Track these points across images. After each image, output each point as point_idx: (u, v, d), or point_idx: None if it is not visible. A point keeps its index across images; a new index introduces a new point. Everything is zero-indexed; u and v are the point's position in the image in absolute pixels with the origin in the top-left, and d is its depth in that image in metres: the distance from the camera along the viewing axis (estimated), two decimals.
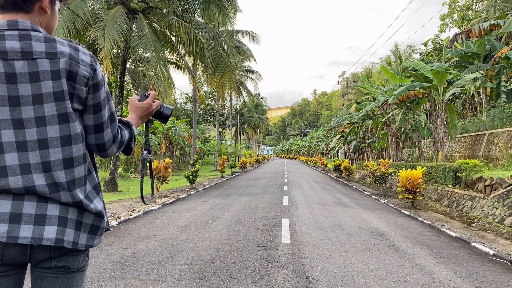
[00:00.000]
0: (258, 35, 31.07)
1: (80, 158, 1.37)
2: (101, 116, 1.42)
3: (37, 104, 1.30)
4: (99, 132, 1.43)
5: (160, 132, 28.58)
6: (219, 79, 15.59)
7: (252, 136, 73.25)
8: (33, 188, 1.30)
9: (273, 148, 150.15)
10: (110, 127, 1.46)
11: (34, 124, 1.30)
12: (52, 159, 1.32)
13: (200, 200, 12.03)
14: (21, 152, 1.30)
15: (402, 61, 35.26)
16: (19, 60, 1.29)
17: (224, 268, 4.80)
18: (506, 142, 12.52)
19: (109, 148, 1.48)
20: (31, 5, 1.37)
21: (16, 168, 1.30)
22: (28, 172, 1.30)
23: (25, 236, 1.28)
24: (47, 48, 1.32)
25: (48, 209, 1.32)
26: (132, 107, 1.70)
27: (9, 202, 1.30)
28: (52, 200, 1.33)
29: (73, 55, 1.34)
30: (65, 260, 1.37)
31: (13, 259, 1.32)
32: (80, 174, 1.38)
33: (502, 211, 8.18)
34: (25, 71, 1.29)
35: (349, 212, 9.71)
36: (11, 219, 1.29)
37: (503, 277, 4.70)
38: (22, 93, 1.29)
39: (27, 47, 1.31)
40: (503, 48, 15.89)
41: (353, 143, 29.94)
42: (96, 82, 1.39)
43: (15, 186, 1.29)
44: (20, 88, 1.29)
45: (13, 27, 1.33)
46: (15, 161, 1.30)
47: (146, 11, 13.97)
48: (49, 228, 1.31)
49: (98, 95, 1.40)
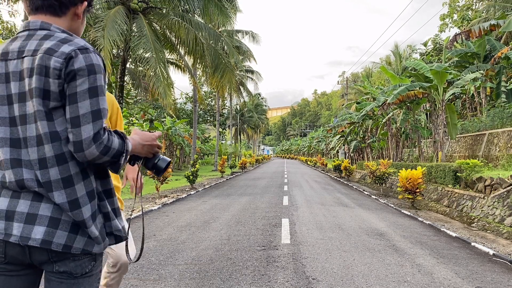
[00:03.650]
0: (258, 35, 31.08)
1: (52, 159, 1.30)
2: (77, 108, 1.27)
3: (21, 102, 1.32)
4: (75, 126, 1.27)
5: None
6: (219, 79, 15.59)
7: (252, 136, 73.24)
8: (22, 182, 1.31)
9: (273, 148, 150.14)
10: (92, 124, 1.27)
11: (19, 122, 1.32)
12: (32, 158, 1.32)
13: (200, 200, 12.03)
14: (13, 148, 1.33)
15: (402, 61, 35.27)
16: (14, 60, 1.32)
17: (224, 268, 4.80)
18: (506, 142, 12.52)
19: (87, 148, 1.27)
20: (66, 10, 1.39)
21: (7, 162, 1.33)
22: (19, 166, 1.33)
23: (15, 235, 1.27)
24: (36, 45, 1.31)
25: (41, 209, 1.30)
26: (136, 132, 1.55)
27: (7, 199, 1.32)
28: (46, 200, 1.32)
29: (51, 49, 1.28)
30: (66, 265, 1.33)
31: (16, 258, 1.32)
32: (58, 176, 1.30)
33: (502, 211, 8.18)
34: (16, 69, 1.31)
35: (349, 212, 9.71)
36: (7, 216, 1.29)
37: (503, 277, 4.70)
38: (13, 91, 1.32)
39: (23, 46, 1.32)
40: (503, 48, 15.89)
41: (353, 143, 29.94)
42: (71, 70, 1.27)
43: (10, 180, 1.32)
44: (12, 87, 1.32)
45: (27, 28, 1.36)
46: (7, 155, 1.33)
47: (146, 11, 13.97)
48: (37, 228, 1.28)
49: (74, 84, 1.27)
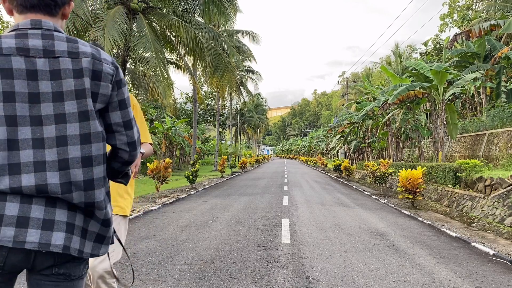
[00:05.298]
0: (258, 35, 31.04)
1: (100, 158, 1.35)
2: (128, 113, 1.44)
3: (57, 101, 1.30)
4: (129, 129, 1.44)
5: (160, 132, 28.57)
6: (219, 79, 15.59)
7: (252, 136, 73.25)
8: (45, 187, 1.26)
9: (273, 148, 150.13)
10: (136, 127, 1.48)
11: (53, 121, 1.29)
12: (71, 156, 1.30)
13: (200, 200, 12.03)
14: (36, 149, 1.28)
15: (402, 61, 35.24)
16: (41, 58, 1.30)
17: (224, 268, 4.80)
18: (506, 142, 12.52)
19: (137, 148, 1.48)
20: (59, 10, 1.42)
21: (30, 165, 1.26)
22: (43, 170, 1.27)
23: (32, 241, 1.23)
24: (69, 47, 1.34)
25: (57, 214, 1.28)
26: None
27: (16, 205, 1.24)
28: (60, 205, 1.29)
29: (95, 55, 1.37)
30: (66, 267, 1.33)
31: (15, 266, 1.27)
32: (99, 174, 1.35)
33: (502, 211, 8.18)
34: (46, 68, 1.30)
35: (349, 212, 9.71)
36: (18, 223, 1.23)
37: (503, 277, 4.70)
38: (43, 90, 1.29)
39: (49, 45, 1.32)
40: (503, 48, 15.89)
41: (353, 143, 29.94)
42: (119, 79, 1.42)
43: (26, 185, 1.25)
44: (40, 85, 1.29)
45: (37, 27, 1.34)
46: (30, 158, 1.27)
47: (146, 11, 13.97)
48: (57, 234, 1.27)
49: (123, 91, 1.43)
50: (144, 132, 2.58)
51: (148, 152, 2.56)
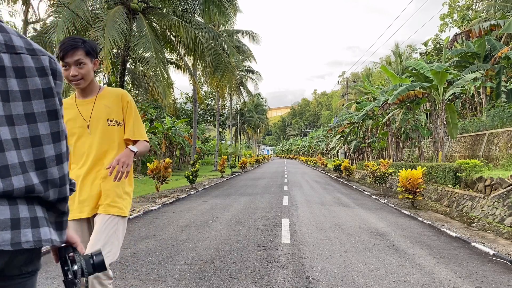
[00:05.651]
0: (258, 35, 31.05)
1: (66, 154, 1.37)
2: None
3: (26, 100, 1.26)
4: None
5: (160, 132, 28.57)
6: (219, 79, 15.59)
7: (252, 136, 73.26)
8: (32, 187, 1.26)
9: (273, 148, 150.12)
10: None
11: (24, 121, 1.26)
12: (47, 155, 1.30)
13: (200, 200, 12.03)
14: (18, 150, 1.25)
15: (402, 61, 35.24)
16: (5, 53, 1.23)
17: (224, 268, 4.80)
18: (506, 142, 12.52)
19: None
20: None
21: (17, 167, 1.24)
22: (26, 171, 1.26)
23: (28, 241, 1.23)
24: (24, 43, 1.29)
25: (37, 211, 1.30)
26: None
27: (6, 207, 1.23)
28: (37, 202, 1.31)
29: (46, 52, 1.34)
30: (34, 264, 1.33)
31: None
32: (67, 170, 1.38)
33: (502, 211, 8.18)
34: (10, 65, 1.24)
35: (349, 212, 9.71)
36: (12, 225, 1.22)
37: (503, 277, 4.70)
38: (12, 88, 1.24)
39: (8, 40, 1.26)
40: (503, 48, 15.89)
41: (353, 143, 29.94)
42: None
43: (18, 187, 1.23)
44: (9, 83, 1.23)
45: None
46: (15, 159, 1.23)
47: (146, 11, 13.97)
48: (43, 229, 1.28)
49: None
50: (139, 129, 2.56)
51: (143, 149, 2.55)
